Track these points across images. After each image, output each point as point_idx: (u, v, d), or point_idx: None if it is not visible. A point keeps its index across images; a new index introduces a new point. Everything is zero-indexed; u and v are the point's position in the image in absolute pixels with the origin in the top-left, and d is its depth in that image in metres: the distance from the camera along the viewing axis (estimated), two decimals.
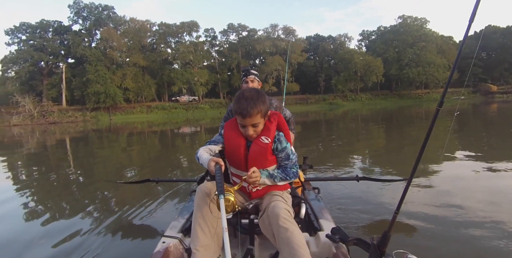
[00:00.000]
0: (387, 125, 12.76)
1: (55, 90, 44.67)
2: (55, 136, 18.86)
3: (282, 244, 1.41)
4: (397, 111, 25.49)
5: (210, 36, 54.03)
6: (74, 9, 46.65)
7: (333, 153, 7.12)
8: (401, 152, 6.78)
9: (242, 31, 54.47)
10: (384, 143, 8.14)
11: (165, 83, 47.24)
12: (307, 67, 54.80)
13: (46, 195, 4.56)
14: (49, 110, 39.66)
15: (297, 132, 13.35)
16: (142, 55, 46.55)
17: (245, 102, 1.52)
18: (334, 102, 47.50)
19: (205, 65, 51.42)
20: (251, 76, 2.93)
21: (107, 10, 47.61)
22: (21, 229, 3.12)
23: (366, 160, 6.08)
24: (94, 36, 48.10)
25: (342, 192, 3.84)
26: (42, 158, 9.15)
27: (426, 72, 47.02)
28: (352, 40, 59.27)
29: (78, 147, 12.35)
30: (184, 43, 49.40)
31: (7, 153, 10.71)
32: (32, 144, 14.18)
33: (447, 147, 6.81)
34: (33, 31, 45.33)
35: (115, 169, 6.63)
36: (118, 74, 43.83)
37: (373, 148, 7.42)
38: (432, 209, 3.09)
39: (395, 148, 7.23)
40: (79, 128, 26.18)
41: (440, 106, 1.43)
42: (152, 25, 49.71)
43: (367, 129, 12.45)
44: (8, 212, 3.70)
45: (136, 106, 44.81)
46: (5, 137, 19.85)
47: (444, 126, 11.18)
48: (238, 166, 1.67)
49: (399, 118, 18.40)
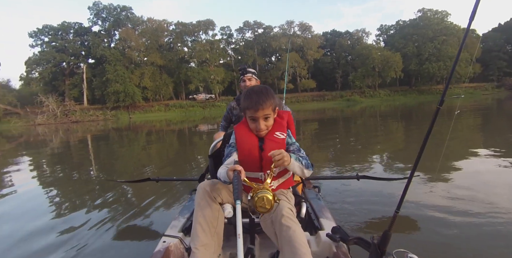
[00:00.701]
0: (407, 122, 12.48)
1: (76, 90, 46.03)
2: (77, 134, 19.44)
3: (284, 243, 1.41)
4: (417, 107, 24.88)
5: (226, 34, 54.31)
6: (94, 10, 47.80)
7: (350, 151, 7.03)
8: (432, 150, 6.62)
9: (258, 28, 54.43)
10: (403, 140, 7.97)
11: (182, 82, 47.85)
12: (324, 63, 54.21)
13: (61, 191, 4.68)
14: (71, 109, 40.96)
15: (313, 129, 13.26)
16: (160, 54, 47.26)
17: (255, 95, 1.57)
18: (351, 98, 46.77)
19: (221, 63, 51.74)
20: (248, 74, 2.95)
21: (125, 11, 48.54)
22: (17, 227, 3.15)
23: (384, 158, 5.97)
24: (113, 37, 49.20)
25: (342, 191, 3.83)
26: (65, 156, 9.45)
27: (447, 67, 45.61)
28: (370, 35, 58.25)
29: (99, 145, 12.69)
30: (201, 41, 49.85)
31: (33, 152, 11.16)
32: (56, 142, 14.68)
33: (466, 145, 6.64)
34: (55, 33, 46.78)
35: (134, 167, 6.76)
36: (137, 73, 44.69)
37: (391, 145, 7.27)
38: (433, 208, 3.08)
39: (414, 145, 7.07)
40: (100, 126, 26.87)
41: (441, 105, 1.46)
42: (169, 25, 50.42)
43: (385, 125, 12.22)
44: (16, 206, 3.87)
45: (154, 105, 45.61)
46: (31, 136, 20.65)
47: (466, 124, 10.86)
48: (252, 167, 1.63)
49: (419, 114, 17.96)
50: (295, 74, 51.16)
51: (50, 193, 4.64)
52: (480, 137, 7.93)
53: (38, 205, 3.94)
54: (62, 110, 40.22)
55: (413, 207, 3.10)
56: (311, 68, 53.67)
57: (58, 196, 4.42)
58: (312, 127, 14.08)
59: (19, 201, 4.27)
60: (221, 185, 1.64)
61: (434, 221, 2.77)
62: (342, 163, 5.54)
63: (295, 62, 49.67)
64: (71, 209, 3.64)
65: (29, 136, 20.69)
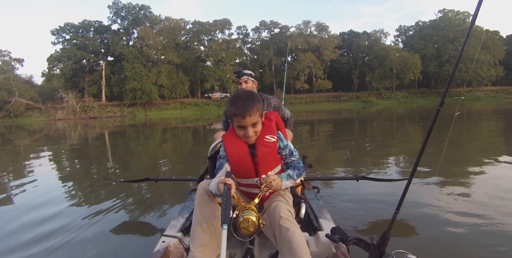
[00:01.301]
0: (424, 125, 12.18)
1: (95, 87, 47.03)
2: (95, 130, 19.89)
3: (283, 244, 1.41)
4: (435, 110, 24.29)
5: (242, 33, 54.41)
6: (113, 9, 48.73)
7: (365, 153, 6.93)
8: (439, 153, 6.46)
9: (274, 28, 54.33)
10: (419, 143, 7.83)
11: (198, 80, 48.25)
12: (340, 64, 53.61)
13: (66, 187, 4.71)
14: (90, 105, 42.00)
15: (328, 130, 13.15)
16: (176, 52, 47.77)
17: (241, 102, 1.51)
18: (368, 100, 46.07)
19: (237, 62, 51.86)
20: (244, 76, 2.92)
21: (143, 10, 49.28)
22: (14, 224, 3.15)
23: (400, 161, 5.86)
24: (132, 35, 50.04)
25: (341, 191, 3.83)
26: (83, 151, 9.69)
27: (468, 69, 44.34)
28: (388, 36, 57.21)
29: (116, 141, 12.94)
30: (217, 40, 50.13)
31: (53, 146, 11.50)
32: (75, 137, 15.07)
33: (483, 150, 6.46)
34: (76, 31, 47.91)
35: (149, 164, 6.86)
36: (154, 71, 45.32)
37: (407, 148, 7.11)
38: (432, 209, 3.08)
39: (430, 149, 6.89)
40: (117, 123, 27.40)
41: (441, 106, 1.48)
42: (186, 24, 50.91)
43: (402, 128, 11.99)
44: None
45: (170, 103, 46.16)
46: (51, 130, 21.28)
47: (487, 128, 10.57)
48: (247, 175, 1.62)
49: (438, 117, 17.53)
50: (311, 74, 50.79)
51: (56, 188, 4.62)
52: (500, 142, 7.70)
53: (38, 203, 3.87)
54: (81, 106, 41.32)
55: (413, 208, 3.11)
56: (327, 68, 53.16)
57: (63, 191, 4.38)
58: (326, 128, 13.96)
59: (28, 195, 4.37)
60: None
61: (433, 222, 2.78)
62: (355, 165, 5.48)
63: (311, 62, 49.33)
64: (72, 206, 3.60)
65: (49, 130, 21.33)
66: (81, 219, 3.11)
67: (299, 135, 11.04)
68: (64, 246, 2.53)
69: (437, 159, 4.92)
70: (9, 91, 40.37)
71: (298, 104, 47.07)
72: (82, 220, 3.10)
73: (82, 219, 3.12)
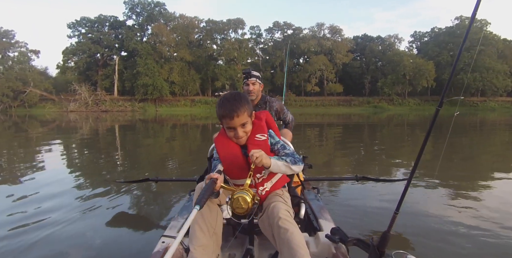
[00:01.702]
0: (436, 134, 12.01)
1: (108, 81, 47.61)
2: (106, 123, 20.14)
3: (282, 245, 1.40)
4: (448, 119, 23.88)
5: (255, 33, 54.47)
6: (129, 5, 49.26)
7: (373, 159, 6.86)
8: (451, 163, 6.37)
9: (288, 29, 54.27)
10: (429, 153, 7.71)
11: (209, 78, 48.44)
12: (353, 68, 53.20)
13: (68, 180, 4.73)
14: (102, 99, 42.63)
15: (338, 133, 13.07)
16: (189, 50, 48.03)
17: (228, 103, 1.53)
18: (379, 105, 45.69)
19: (248, 62, 51.92)
20: (252, 78, 2.89)
21: (158, 7, 49.70)
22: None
23: (409, 168, 5.79)
24: (146, 31, 50.48)
25: (341, 192, 3.82)
26: (92, 143, 9.81)
27: (483, 79, 43.64)
28: (402, 41, 56.62)
29: (125, 135, 13.08)
30: (230, 40, 50.24)
31: (64, 136, 11.68)
32: (86, 129, 15.28)
33: (494, 160, 6.34)
34: (91, 25, 48.59)
35: (157, 159, 6.91)
36: (166, 67, 45.65)
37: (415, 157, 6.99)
38: (432, 210, 3.08)
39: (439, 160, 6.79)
40: (128, 117, 27.71)
41: (440, 107, 1.51)
42: (199, 22, 51.14)
43: (412, 136, 11.84)
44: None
45: (181, 99, 46.47)
46: (63, 121, 21.63)
47: (500, 140, 10.39)
48: (242, 175, 1.60)
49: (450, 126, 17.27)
50: (322, 77, 50.55)
51: (57, 184, 4.48)
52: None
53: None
54: (93, 99, 41.97)
55: (413, 208, 3.10)
56: (339, 72, 52.84)
57: (63, 188, 4.21)
58: (335, 132, 13.89)
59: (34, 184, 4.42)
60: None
61: (433, 223, 2.78)
62: (361, 170, 5.43)
63: (323, 65, 49.10)
64: (71, 205, 3.49)
65: (61, 121, 21.68)
66: (80, 219, 3.06)
67: (308, 138, 11.01)
68: (63, 246, 2.49)
69: (445, 163, 4.86)
70: (24, 82, 41.12)
71: (308, 107, 46.92)
72: (82, 219, 3.05)
73: (81, 219, 3.07)
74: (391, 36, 55.10)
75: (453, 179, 4.40)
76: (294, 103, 47.95)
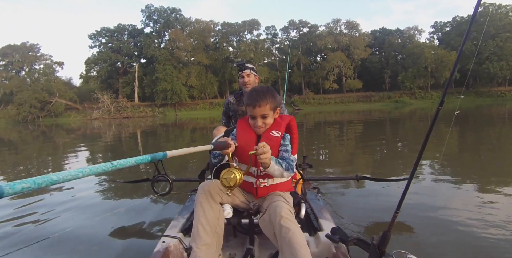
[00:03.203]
0: (461, 127, 11.52)
1: (129, 88, 48.95)
2: (128, 129, 20.62)
3: (284, 244, 1.40)
4: (474, 111, 22.94)
5: (271, 33, 54.43)
6: (146, 13, 50.49)
7: (397, 156, 6.64)
8: (478, 158, 6.07)
9: (303, 27, 53.87)
10: (456, 147, 7.39)
11: (226, 81, 48.83)
12: (372, 63, 52.15)
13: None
14: (123, 105, 43.81)
15: (359, 131, 12.79)
16: (206, 54, 48.62)
17: (255, 93, 1.63)
18: (400, 100, 44.44)
19: (265, 62, 51.94)
20: (247, 70, 2.87)
21: (174, 13, 50.63)
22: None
23: (437, 165, 5.55)
24: (163, 37, 51.58)
25: (342, 191, 3.79)
26: (116, 148, 10.05)
27: (510, 67, 41.61)
28: (422, 33, 54.80)
29: (147, 140, 13.33)
30: (245, 41, 50.44)
31: (89, 143, 12.06)
32: (110, 136, 15.70)
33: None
34: (111, 35, 50.14)
35: (176, 162, 6.98)
36: (184, 72, 46.40)
37: (440, 151, 6.70)
38: (432, 209, 3.06)
39: (468, 153, 6.48)
40: (149, 122, 28.28)
41: (441, 105, 1.49)
42: (215, 25, 51.68)
43: (437, 130, 11.41)
44: None
45: (200, 103, 47.06)
46: (87, 129, 22.36)
47: None
48: (247, 161, 1.62)
49: (477, 118, 16.56)
50: (341, 73, 49.83)
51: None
52: None
53: None
54: (115, 106, 43.19)
55: (413, 208, 3.06)
56: (358, 67, 51.94)
57: (67, 187, 4.31)
58: (356, 129, 13.60)
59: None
60: (221, 186, 1.65)
61: (434, 222, 2.76)
62: (387, 169, 5.26)
63: (341, 62, 48.40)
64: (73, 204, 3.53)
65: (86, 129, 22.42)
66: (80, 219, 3.08)
67: (327, 136, 10.84)
68: (62, 246, 2.48)
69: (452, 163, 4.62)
70: (50, 92, 42.90)
71: (327, 105, 46.36)
72: (81, 219, 3.07)
73: (81, 219, 3.08)
74: (411, 28, 53.69)
75: (453, 177, 4.28)
76: (312, 101, 47.51)
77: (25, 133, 21.34)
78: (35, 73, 47.60)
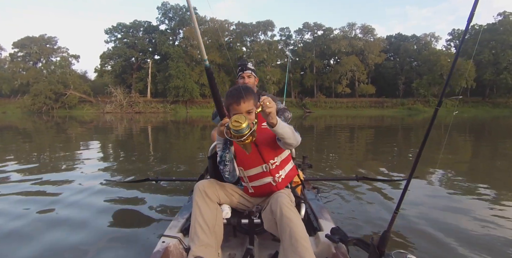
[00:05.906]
0: (476, 137, 11.27)
1: (142, 83, 49.44)
2: (139, 124, 20.84)
3: (284, 234, 1.40)
4: (490, 121, 22.47)
5: (285, 35, 54.32)
6: (162, 10, 50.95)
7: (408, 166, 6.51)
8: (492, 169, 5.91)
9: (318, 30, 53.66)
10: (469, 157, 7.22)
11: None
12: (386, 68, 51.58)
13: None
14: (136, 101, 44.32)
15: (370, 136, 12.63)
16: (219, 53, 48.79)
17: (236, 91, 1.62)
18: (413, 107, 43.85)
19: (278, 64, 51.87)
20: (248, 71, 2.84)
21: None
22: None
23: (437, 167, 5.42)
24: (178, 35, 51.98)
25: (342, 192, 3.81)
26: (126, 143, 10.14)
27: None
28: (439, 40, 54.09)
29: (158, 135, 13.43)
30: (259, 42, 50.46)
31: (101, 136, 12.24)
32: (121, 130, 15.88)
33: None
34: (127, 30, 50.71)
35: (186, 159, 6.99)
36: (196, 70, 46.61)
37: (455, 162, 6.52)
38: (432, 210, 3.09)
39: (483, 165, 6.30)
40: (160, 118, 28.54)
41: (439, 106, 1.55)
42: (229, 25, 51.82)
43: (451, 139, 11.21)
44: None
45: (211, 101, 47.09)
46: (100, 122, 22.69)
47: None
48: (254, 163, 1.69)
49: (493, 130, 16.20)
50: (354, 78, 49.42)
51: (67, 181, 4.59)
52: None
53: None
54: (128, 101, 43.74)
55: (413, 208, 3.08)
56: (372, 73, 51.45)
57: (69, 186, 4.23)
58: (367, 134, 13.45)
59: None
60: (218, 185, 1.70)
61: (433, 222, 2.77)
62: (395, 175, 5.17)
63: (355, 66, 48.02)
64: (73, 204, 3.47)
65: (98, 122, 22.77)
66: (80, 219, 3.01)
67: (337, 140, 10.74)
68: (62, 246, 2.46)
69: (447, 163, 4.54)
70: (65, 85, 43.56)
71: (338, 109, 46.05)
72: (81, 219, 3.00)
73: (80, 219, 3.01)
74: (427, 34, 52.96)
75: (453, 178, 4.37)
76: (324, 105, 47.23)
77: (39, 123, 21.75)
78: (52, 65, 48.36)
